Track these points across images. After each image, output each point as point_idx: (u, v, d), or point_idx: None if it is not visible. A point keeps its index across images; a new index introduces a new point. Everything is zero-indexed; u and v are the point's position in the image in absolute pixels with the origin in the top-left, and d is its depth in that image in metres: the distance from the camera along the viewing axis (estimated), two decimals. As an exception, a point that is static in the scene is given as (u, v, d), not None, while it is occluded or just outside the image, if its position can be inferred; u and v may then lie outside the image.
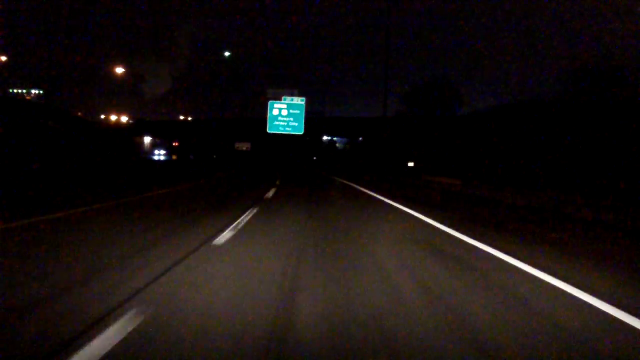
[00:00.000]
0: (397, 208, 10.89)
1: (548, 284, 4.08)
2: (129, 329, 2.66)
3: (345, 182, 23.92)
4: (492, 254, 5.35)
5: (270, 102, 41.93)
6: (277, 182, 20.62)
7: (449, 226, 7.54)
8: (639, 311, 3.30)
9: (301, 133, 42.46)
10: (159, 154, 68.22)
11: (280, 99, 42.16)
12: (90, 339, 2.49)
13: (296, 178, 26.22)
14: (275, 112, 41.87)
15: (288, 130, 42.11)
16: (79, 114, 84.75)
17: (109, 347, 2.41)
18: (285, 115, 41.92)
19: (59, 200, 9.55)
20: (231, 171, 35.82)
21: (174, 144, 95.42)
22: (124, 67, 56.95)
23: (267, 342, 2.58)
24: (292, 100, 42.24)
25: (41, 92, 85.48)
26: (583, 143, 21.00)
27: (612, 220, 9.87)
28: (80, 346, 2.41)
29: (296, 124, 42.08)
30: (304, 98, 42.46)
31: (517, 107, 27.84)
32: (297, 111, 42.13)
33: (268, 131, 42.07)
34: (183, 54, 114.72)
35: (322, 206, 11.36)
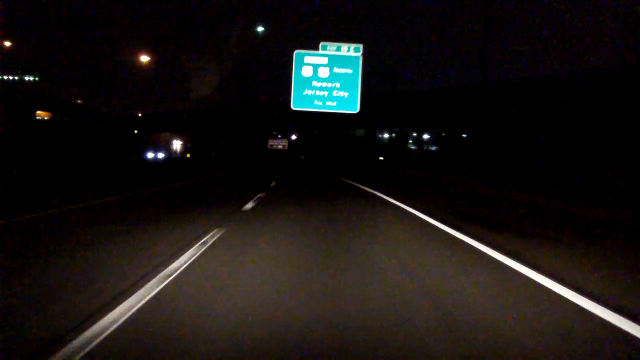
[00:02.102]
0: None
1: None
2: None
3: None
4: None
5: (296, 53, 22.65)
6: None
7: None
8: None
9: (355, 111, 22.92)
10: (155, 155, 48.92)
11: (317, 49, 22.81)
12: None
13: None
14: (306, 71, 22.56)
15: (330, 107, 22.70)
16: (79, 101, 70.60)
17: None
18: (325, 77, 22.54)
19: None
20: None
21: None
22: (150, 56, 44.54)
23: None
24: (337, 50, 22.80)
25: (36, 79, 71.30)
26: None
27: None
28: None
29: (345, 95, 22.60)
30: (359, 46, 22.92)
31: None
32: (348, 70, 22.65)
33: (293, 107, 22.85)
34: (232, 53, 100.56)
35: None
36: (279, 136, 69.27)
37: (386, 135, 64.45)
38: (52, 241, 5.25)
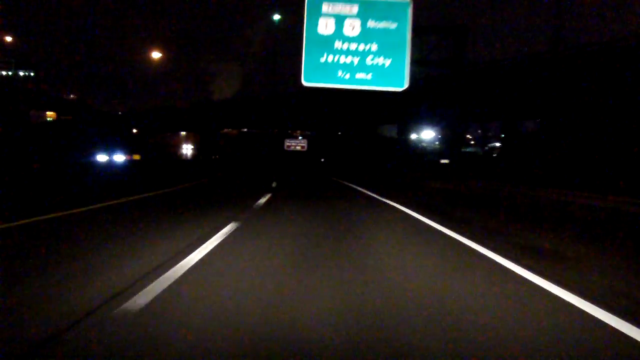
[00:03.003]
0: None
1: None
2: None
3: None
4: None
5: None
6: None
7: None
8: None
9: (401, 88, 14.74)
10: (110, 158, 35.52)
11: (340, -7, 14.65)
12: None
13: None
14: (325, 26, 14.45)
15: (362, 82, 14.57)
16: (72, 96, 66.01)
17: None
18: (354, 35, 14.40)
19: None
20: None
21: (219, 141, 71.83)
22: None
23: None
24: (374, -8, 14.59)
25: (32, 74, 65.26)
26: None
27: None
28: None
29: (386, 63, 14.43)
30: (408, -12, 14.67)
31: None
32: (391, 24, 14.44)
33: (304, 82, 14.72)
34: (256, 53, 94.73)
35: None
36: (300, 137, 61.67)
37: (422, 135, 55.18)
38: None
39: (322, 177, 26.93)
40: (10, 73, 63.02)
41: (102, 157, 33.14)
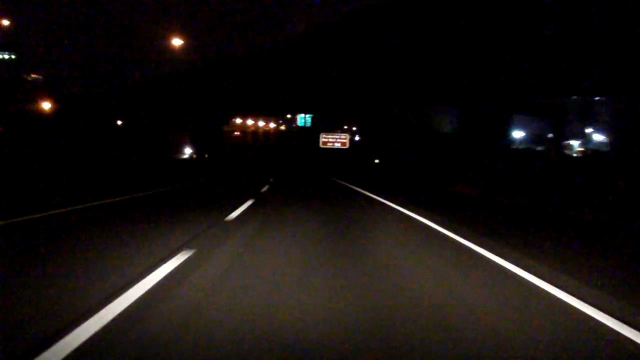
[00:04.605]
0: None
1: None
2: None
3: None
4: None
5: None
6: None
7: None
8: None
9: None
10: None
11: None
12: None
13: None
14: None
15: None
16: (33, 75, 53.81)
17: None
18: None
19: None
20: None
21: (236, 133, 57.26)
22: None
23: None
24: None
25: (13, 57, 53.20)
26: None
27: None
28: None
29: None
30: None
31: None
32: None
33: None
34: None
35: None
36: (340, 134, 45.19)
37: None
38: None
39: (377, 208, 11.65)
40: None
41: None
